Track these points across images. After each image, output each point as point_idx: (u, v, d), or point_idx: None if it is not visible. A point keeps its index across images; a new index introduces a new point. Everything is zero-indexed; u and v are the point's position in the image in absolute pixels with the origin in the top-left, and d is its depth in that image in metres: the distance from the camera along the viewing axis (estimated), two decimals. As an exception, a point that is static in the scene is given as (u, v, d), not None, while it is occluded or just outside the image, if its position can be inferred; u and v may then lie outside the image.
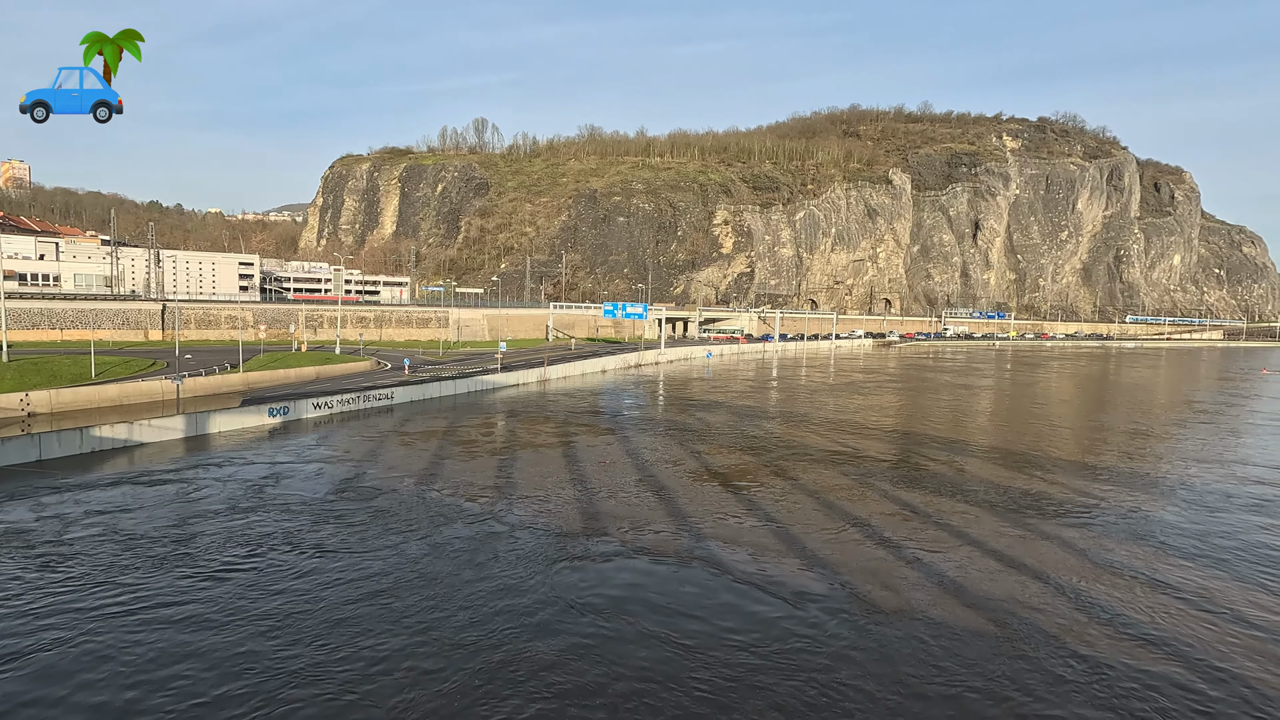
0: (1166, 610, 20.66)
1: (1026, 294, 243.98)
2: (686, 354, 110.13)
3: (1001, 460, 42.30)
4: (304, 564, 22.24)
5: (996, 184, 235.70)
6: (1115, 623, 19.61)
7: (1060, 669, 16.85)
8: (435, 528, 26.14)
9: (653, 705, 14.92)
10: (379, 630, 17.83)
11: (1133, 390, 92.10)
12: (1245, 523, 30.18)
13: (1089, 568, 24.06)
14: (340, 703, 14.83)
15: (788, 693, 15.51)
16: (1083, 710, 15.22)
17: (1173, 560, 25.08)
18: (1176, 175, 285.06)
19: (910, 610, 19.88)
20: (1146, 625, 19.57)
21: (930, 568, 23.44)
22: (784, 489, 33.60)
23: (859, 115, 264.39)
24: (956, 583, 22.12)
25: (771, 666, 16.56)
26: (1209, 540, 27.48)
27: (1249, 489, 36.75)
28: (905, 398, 72.97)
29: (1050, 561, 24.47)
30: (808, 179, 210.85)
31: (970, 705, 15.26)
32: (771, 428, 50.40)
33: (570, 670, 16.15)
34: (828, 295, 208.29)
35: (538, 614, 19.01)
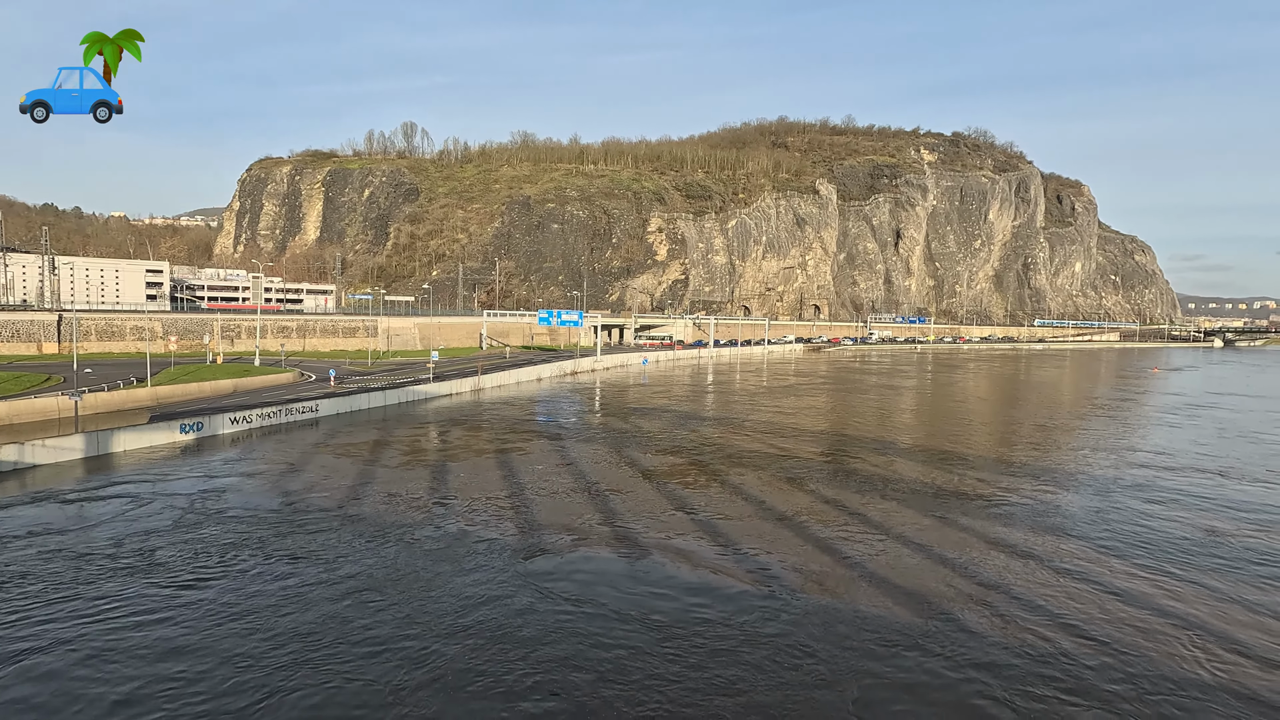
0: (1060, 586, 22.24)
1: (945, 299, 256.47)
2: (623, 361, 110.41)
3: (924, 457, 44.24)
4: (280, 568, 22.47)
5: (915, 195, 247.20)
6: (1013, 595, 21.12)
7: (967, 627, 18.24)
8: (388, 534, 25.78)
9: (632, 669, 16.74)
10: (370, 622, 18.90)
11: (1041, 388, 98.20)
12: (1131, 506, 32.71)
13: (997, 550, 25.54)
14: (347, 686, 15.83)
15: (747, 658, 17.44)
16: (972, 660, 16.10)
17: (1068, 541, 26.99)
18: (1076, 188, 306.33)
19: (842, 589, 21.27)
20: (1043, 600, 21.02)
21: (858, 554, 24.52)
22: (724, 489, 34.11)
23: (787, 127, 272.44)
24: (882, 566, 23.43)
25: (730, 635, 18.53)
26: (1101, 523, 29.57)
27: (1134, 472, 40.07)
28: (835, 400, 75.39)
29: (964, 545, 25.81)
30: (739, 188, 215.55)
31: (900, 662, 17.24)
32: (709, 431, 51.09)
33: (556, 645, 17.76)
34: (760, 301, 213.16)
35: (515, 600, 20.38)
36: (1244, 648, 18.61)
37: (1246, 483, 38.60)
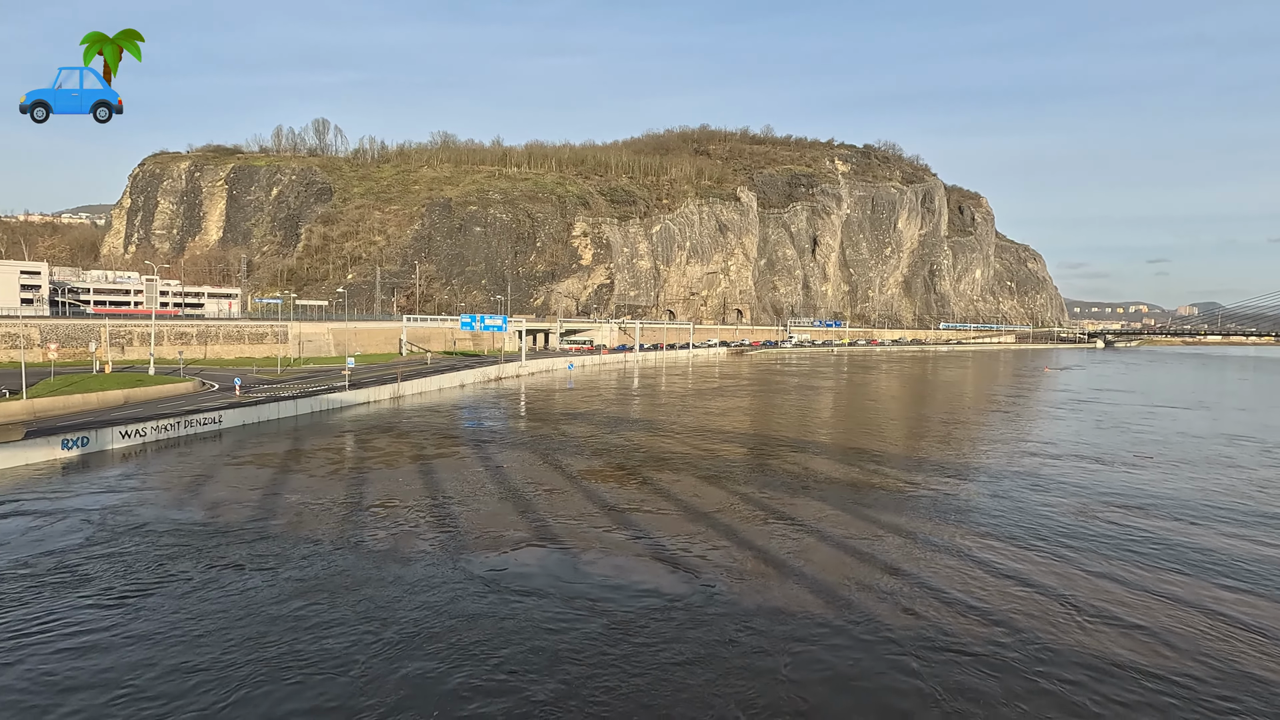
0: (964, 572, 23.80)
1: (858, 304, 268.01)
2: (548, 365, 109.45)
3: (841, 454, 46.06)
4: (223, 577, 22.34)
5: (831, 204, 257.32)
6: (917, 578, 22.45)
7: (876, 608, 19.41)
8: (323, 541, 24.93)
9: (584, 649, 18.21)
10: (330, 620, 19.43)
11: (947, 387, 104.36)
12: (1020, 494, 35.44)
13: (905, 538, 27.03)
14: (313, 679, 16.47)
15: (685, 635, 19.13)
16: (872, 632, 16.99)
17: (966, 528, 28.93)
18: (976, 200, 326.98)
19: (765, 578, 21.99)
20: (946, 585, 22.44)
21: (780, 547, 25.35)
22: (653, 491, 34.37)
23: (709, 135, 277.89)
24: (801, 556, 24.36)
25: (671, 618, 20.06)
26: (995, 510, 31.75)
27: (1024, 461, 43.57)
28: (758, 401, 77.38)
29: (876, 535, 27.12)
30: (663, 194, 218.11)
31: (822, 638, 18.54)
32: (637, 435, 51.35)
33: (513, 632, 19.03)
34: (684, 306, 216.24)
35: (467, 594, 21.47)
36: (1109, 618, 20.50)
37: (1116, 468, 43.10)
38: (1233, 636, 19.65)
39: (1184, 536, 29.30)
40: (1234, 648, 18.95)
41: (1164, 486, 38.43)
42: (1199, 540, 28.72)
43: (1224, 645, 19.07)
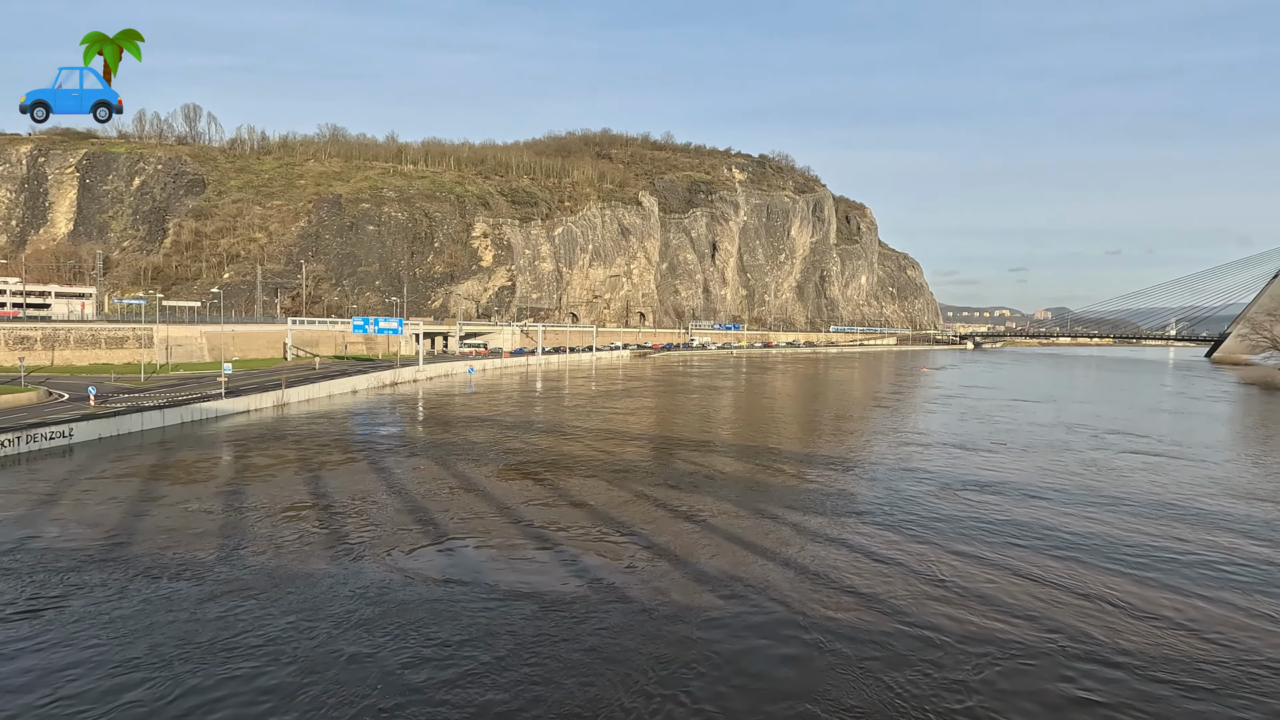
0: (847, 556, 25.37)
1: (756, 308, 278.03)
2: (448, 370, 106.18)
3: (740, 452, 47.62)
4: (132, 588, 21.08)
5: (729, 210, 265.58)
6: (806, 567, 23.76)
7: (768, 597, 20.31)
8: (215, 552, 22.67)
9: (506, 634, 19.42)
10: (254, 621, 19.67)
11: (837, 386, 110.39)
12: (899, 482, 38.25)
13: (795, 529, 28.35)
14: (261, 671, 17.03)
15: (599, 621, 20.20)
16: (763, 616, 17.84)
17: (853, 518, 30.79)
18: (861, 210, 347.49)
19: (666, 569, 22.38)
20: (836, 575, 23.77)
21: (682, 542, 25.79)
22: (558, 494, 34.07)
23: (611, 139, 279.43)
24: (700, 551, 24.92)
25: (579, 610, 20.90)
26: (879, 499, 33.97)
27: (901, 450, 47.34)
28: (662, 402, 78.54)
29: (770, 527, 28.27)
30: (565, 196, 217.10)
31: (717, 621, 18.93)
32: (541, 439, 50.75)
33: (445, 614, 20.45)
34: (588, 309, 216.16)
35: (393, 584, 22.30)
36: (963, 590, 22.54)
37: (977, 454, 48.64)
38: (1058, 601, 22.37)
39: (1027, 513, 33.37)
40: (1059, 609, 21.61)
41: (1012, 469, 44.01)
42: (1038, 517, 32.71)
43: (1051, 607, 21.74)
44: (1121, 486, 39.98)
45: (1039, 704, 16.37)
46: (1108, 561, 26.48)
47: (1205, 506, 35.76)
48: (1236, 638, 20.19)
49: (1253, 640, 20.01)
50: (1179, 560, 26.97)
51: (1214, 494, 38.83)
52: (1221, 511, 34.88)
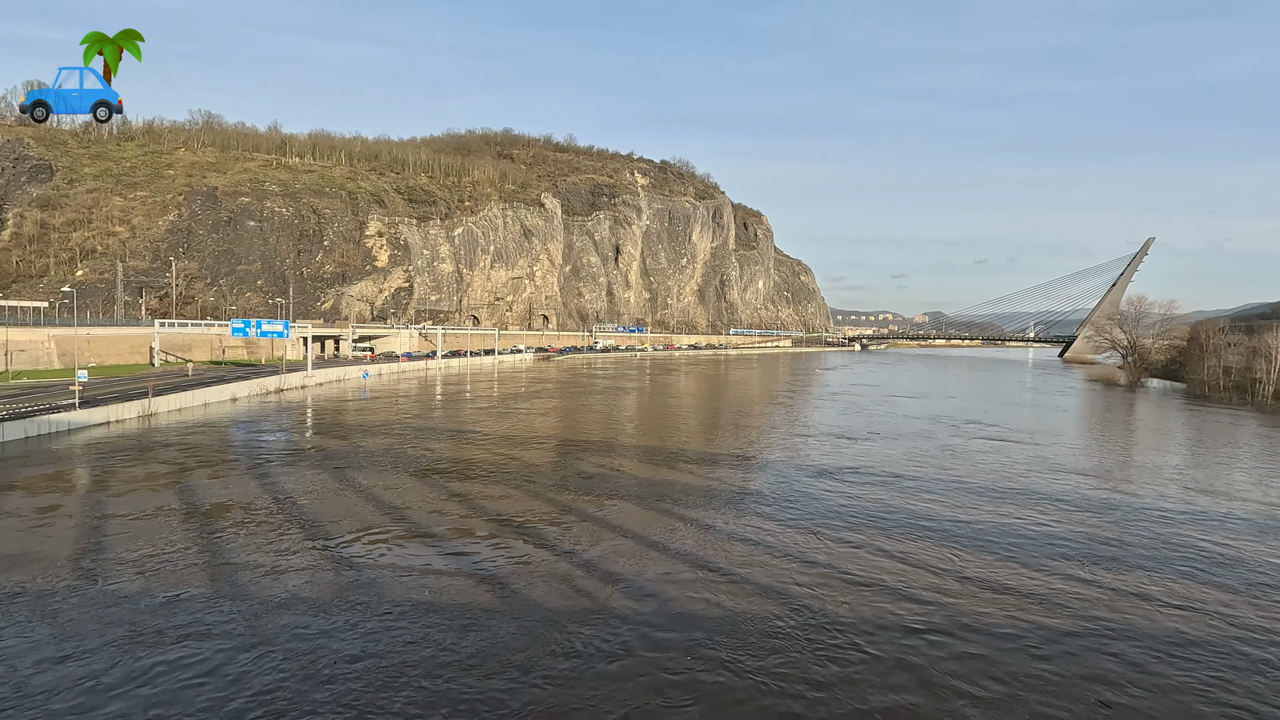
0: (755, 557, 26.32)
1: (659, 310, 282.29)
2: (340, 374, 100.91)
3: (644, 452, 48.27)
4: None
5: (632, 214, 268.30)
6: (711, 566, 24.52)
7: (671, 591, 20.74)
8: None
9: (399, 650, 18.87)
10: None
11: (737, 386, 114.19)
12: (790, 472, 40.14)
13: (697, 525, 29.22)
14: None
15: (504, 619, 18.39)
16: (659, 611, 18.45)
17: (749, 511, 32.10)
18: (758, 218, 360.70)
19: (562, 575, 22.54)
20: (727, 561, 24.69)
21: (583, 544, 25.92)
22: (457, 500, 33.21)
23: (513, 139, 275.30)
24: (606, 552, 25.06)
25: (472, 617, 20.06)
26: (772, 491, 35.62)
27: (792, 441, 49.60)
28: (567, 405, 78.22)
29: (672, 523, 28.97)
30: (465, 196, 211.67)
31: (623, 619, 19.06)
32: (442, 445, 49.29)
33: (374, 599, 21.89)
34: (490, 311, 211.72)
35: (273, 607, 20.60)
36: (839, 570, 24.07)
37: (854, 442, 54.36)
38: (919, 575, 24.22)
39: (892, 495, 36.96)
40: (919, 582, 23.40)
41: (884, 455, 49.55)
42: (901, 497, 36.42)
43: (912, 582, 23.56)
44: (970, 468, 46.16)
45: (916, 679, 17.79)
46: (958, 538, 29.58)
47: (1036, 484, 41.53)
48: (1067, 601, 22.76)
49: (1083, 603, 22.62)
50: (1016, 533, 30.76)
51: (1043, 472, 45.31)
52: (1049, 487, 40.54)
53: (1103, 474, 45.88)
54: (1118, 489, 41.28)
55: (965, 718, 16.04)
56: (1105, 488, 41.40)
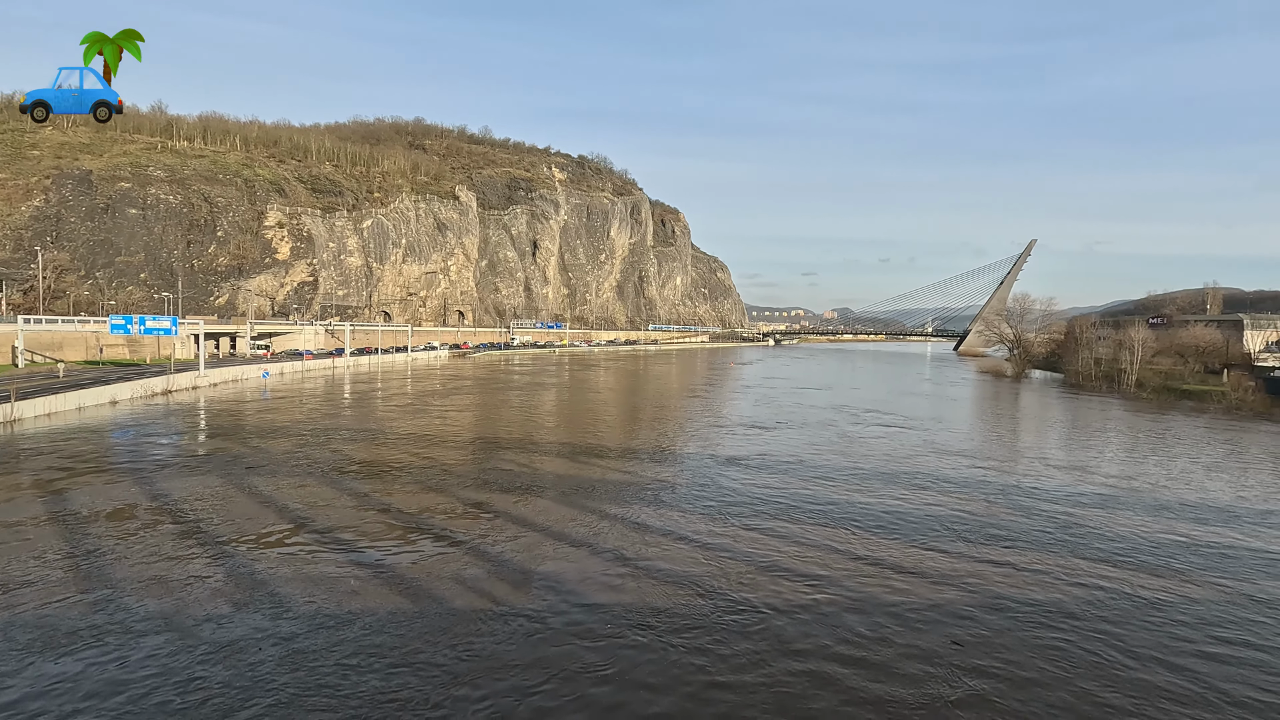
0: (670, 546, 26.79)
1: (578, 306, 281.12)
2: (237, 374, 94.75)
3: (563, 449, 48.02)
4: None
5: (549, 209, 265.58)
6: (635, 559, 24.73)
7: (586, 587, 20.84)
8: None
9: (315, 634, 17.92)
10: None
11: (656, 380, 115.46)
12: (703, 462, 41.18)
13: (616, 521, 29.44)
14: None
15: (424, 620, 17.58)
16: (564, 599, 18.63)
17: (673, 509, 32.64)
18: (675, 215, 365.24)
19: (476, 577, 22.14)
20: (659, 559, 25.06)
21: (501, 545, 25.54)
22: (367, 503, 31.90)
23: (425, 129, 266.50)
24: (524, 553, 24.76)
25: (386, 615, 18.17)
26: (693, 486, 36.39)
27: (706, 432, 50.92)
28: (484, 403, 76.63)
29: (590, 523, 29.03)
30: (374, 187, 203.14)
31: (545, 618, 18.87)
32: (349, 447, 47.20)
33: (296, 592, 20.81)
34: (402, 307, 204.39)
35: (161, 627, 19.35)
36: (749, 558, 24.96)
37: (765, 431, 57.21)
38: (817, 555, 25.47)
39: (798, 483, 39.09)
40: (817, 559, 24.57)
41: (789, 443, 52.50)
42: (805, 487, 38.20)
43: (814, 558, 24.58)
44: (865, 452, 49.90)
45: (814, 650, 18.63)
46: (851, 519, 31.87)
47: (922, 465, 45.29)
48: (944, 572, 24.49)
49: (960, 574, 24.39)
50: (899, 513, 33.28)
51: (929, 455, 49.41)
52: (933, 468, 44.32)
53: (983, 456, 50.18)
54: (996, 469, 45.29)
55: (855, 684, 16.95)
56: (984, 468, 45.38)
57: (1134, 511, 35.00)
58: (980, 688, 17.38)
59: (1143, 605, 22.72)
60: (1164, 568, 26.52)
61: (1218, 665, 18.79)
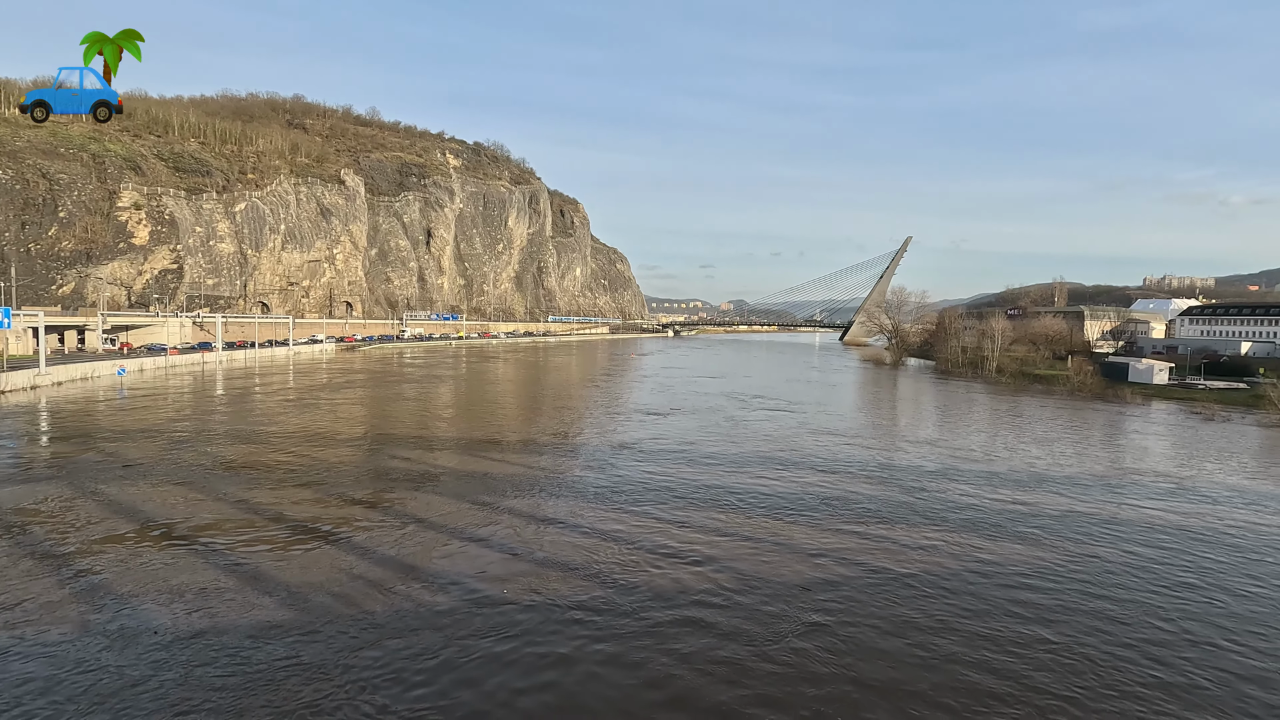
0: (565, 537, 26.94)
1: (475, 298, 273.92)
2: (88, 371, 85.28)
3: (458, 444, 46.85)
4: None
5: (444, 197, 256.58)
6: (530, 552, 24.67)
7: (482, 588, 20.57)
8: None
9: (183, 650, 17.40)
10: None
11: (557, 371, 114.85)
12: (601, 450, 41.64)
13: (518, 516, 29.21)
14: None
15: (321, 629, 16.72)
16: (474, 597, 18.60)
17: (568, 499, 32.74)
18: (574, 205, 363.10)
19: (364, 586, 21.29)
20: (555, 549, 25.09)
21: (393, 545, 24.66)
22: (241, 508, 29.71)
23: (305, 108, 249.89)
24: (416, 553, 23.99)
25: (264, 626, 17.26)
26: (593, 476, 36.67)
27: (603, 420, 51.84)
28: (376, 399, 73.21)
29: (487, 518, 28.66)
30: (248, 167, 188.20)
31: (450, 621, 17.86)
32: (221, 449, 43.73)
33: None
34: (282, 297, 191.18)
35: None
36: (644, 544, 25.73)
37: (662, 420, 58.81)
38: (700, 535, 26.63)
39: (686, 465, 40.92)
40: (700, 539, 25.72)
41: (680, 428, 55.29)
42: (692, 470, 39.95)
43: (696, 539, 25.74)
44: (749, 435, 53.45)
45: (696, 629, 19.39)
46: (732, 497, 34.07)
47: (798, 444, 49.38)
48: (815, 544, 26.20)
49: (829, 539, 26.15)
50: (774, 491, 35.58)
51: (804, 435, 53.78)
52: (807, 448, 48.26)
53: (852, 435, 54.96)
54: (864, 446, 49.62)
55: (716, 621, 17.84)
56: (852, 445, 49.67)
57: (973, 483, 38.72)
58: (821, 621, 20.29)
59: (962, 554, 25.21)
60: (991, 525, 29.53)
61: (1020, 617, 21.17)
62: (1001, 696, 16.72)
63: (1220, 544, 28.92)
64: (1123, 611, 21.81)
